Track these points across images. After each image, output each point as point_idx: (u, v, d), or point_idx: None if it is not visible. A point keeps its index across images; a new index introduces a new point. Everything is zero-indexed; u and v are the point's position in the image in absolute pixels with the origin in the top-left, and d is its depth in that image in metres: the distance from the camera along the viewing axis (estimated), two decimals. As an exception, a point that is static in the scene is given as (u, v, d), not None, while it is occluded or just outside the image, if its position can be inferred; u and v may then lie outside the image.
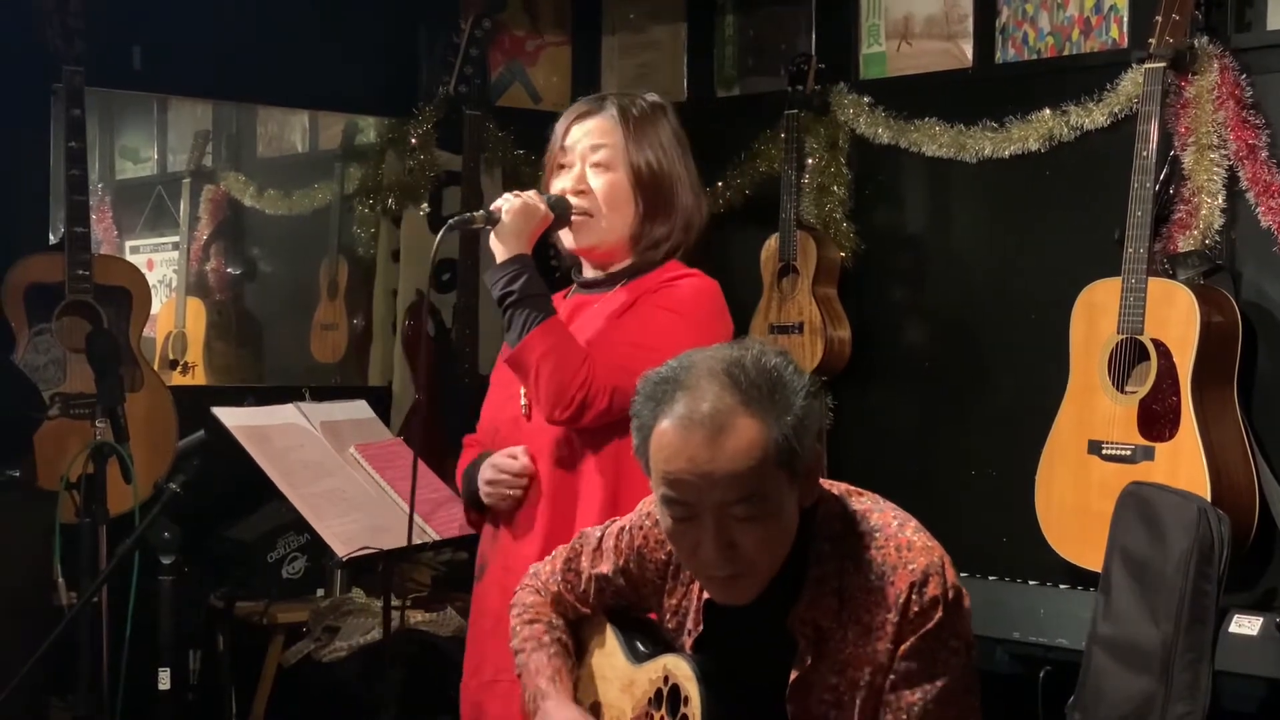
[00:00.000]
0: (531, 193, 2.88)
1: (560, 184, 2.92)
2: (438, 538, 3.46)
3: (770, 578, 2.08)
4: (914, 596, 2.04)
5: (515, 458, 2.87)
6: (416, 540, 3.43)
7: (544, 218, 2.86)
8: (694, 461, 2.00)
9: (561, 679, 2.33)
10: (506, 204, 2.85)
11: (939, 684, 2.06)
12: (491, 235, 2.87)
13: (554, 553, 2.46)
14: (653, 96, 3.00)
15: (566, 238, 2.94)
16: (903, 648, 2.05)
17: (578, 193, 2.89)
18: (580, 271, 2.99)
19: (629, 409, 2.28)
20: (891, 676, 2.07)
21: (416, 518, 3.43)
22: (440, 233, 2.87)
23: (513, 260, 2.83)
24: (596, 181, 2.89)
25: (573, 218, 2.89)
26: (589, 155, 2.90)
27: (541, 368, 2.75)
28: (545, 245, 2.96)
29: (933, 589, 2.05)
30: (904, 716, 2.06)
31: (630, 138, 2.89)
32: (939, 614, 2.05)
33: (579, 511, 2.79)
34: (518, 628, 2.41)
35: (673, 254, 2.91)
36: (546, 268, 3.02)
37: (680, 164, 2.93)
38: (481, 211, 2.89)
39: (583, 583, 2.37)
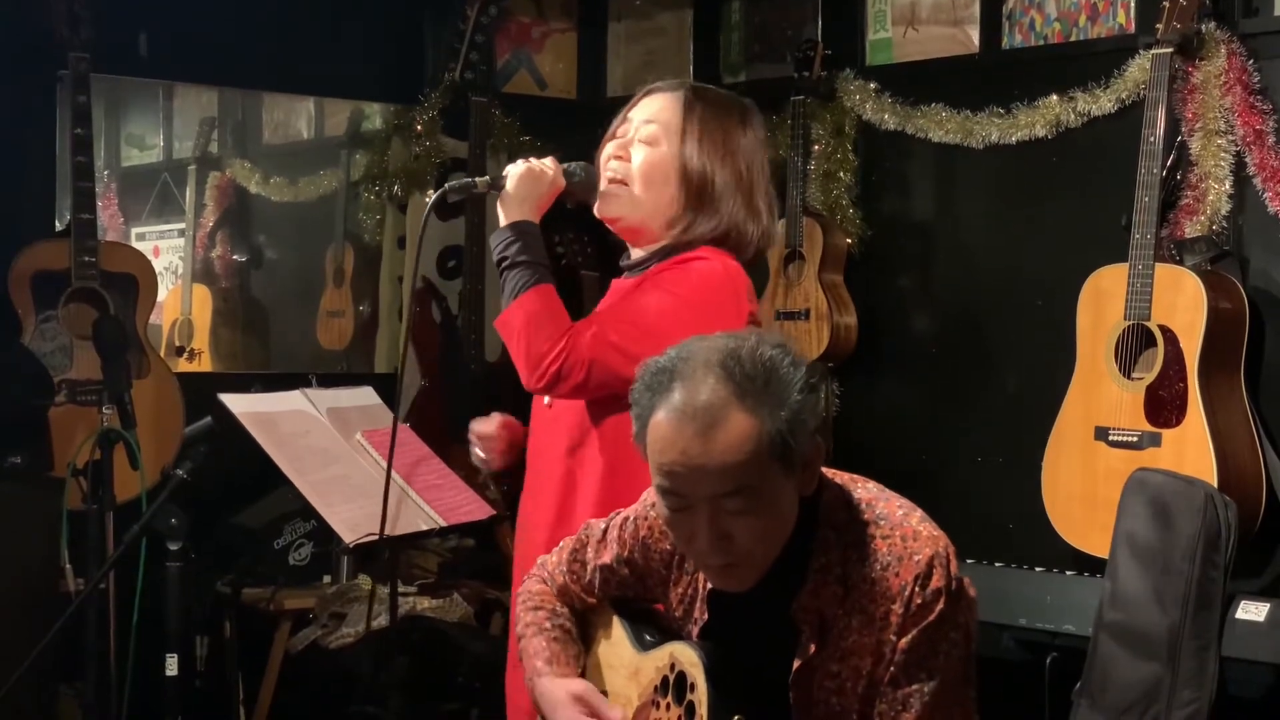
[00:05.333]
0: (548, 160, 2.83)
1: (606, 152, 2.86)
2: (443, 524, 3.46)
3: (768, 566, 2.08)
4: (917, 588, 2.04)
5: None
6: (422, 526, 3.44)
7: (553, 184, 2.80)
8: (686, 454, 1.99)
9: (559, 661, 2.33)
10: (513, 170, 2.81)
11: (937, 677, 2.05)
12: (497, 201, 2.82)
13: (560, 544, 2.46)
14: (744, 100, 2.91)
15: (596, 207, 2.86)
16: (903, 640, 2.04)
17: (617, 158, 2.82)
18: (628, 256, 2.91)
19: (610, 384, 2.23)
20: (890, 668, 2.06)
21: (423, 503, 3.44)
22: (436, 194, 2.83)
23: (513, 225, 2.78)
24: (638, 154, 2.81)
25: (603, 185, 2.82)
26: (641, 129, 2.82)
27: (523, 333, 2.71)
28: (550, 233, 2.92)
29: (936, 581, 2.04)
30: (900, 708, 2.05)
31: (687, 124, 2.79)
32: (941, 606, 2.04)
33: (579, 502, 2.77)
34: (521, 614, 2.43)
35: (707, 243, 2.79)
36: (553, 255, 3.00)
37: (733, 169, 2.80)
38: (485, 176, 2.84)
39: (588, 574, 2.37)
